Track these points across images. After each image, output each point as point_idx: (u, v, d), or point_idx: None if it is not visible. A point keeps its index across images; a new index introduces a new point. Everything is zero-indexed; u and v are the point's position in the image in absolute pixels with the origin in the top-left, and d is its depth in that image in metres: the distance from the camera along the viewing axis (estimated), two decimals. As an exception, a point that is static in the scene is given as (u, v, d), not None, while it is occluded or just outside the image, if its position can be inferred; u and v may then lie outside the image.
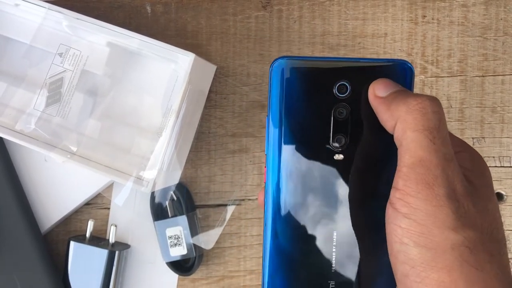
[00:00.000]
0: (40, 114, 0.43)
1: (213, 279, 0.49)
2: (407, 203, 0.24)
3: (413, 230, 0.23)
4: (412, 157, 0.24)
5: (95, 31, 0.43)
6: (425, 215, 0.23)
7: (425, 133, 0.24)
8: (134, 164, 0.43)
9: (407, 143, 0.24)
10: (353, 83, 0.27)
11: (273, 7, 0.48)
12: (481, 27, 0.48)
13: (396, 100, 0.25)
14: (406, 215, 0.23)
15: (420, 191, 0.23)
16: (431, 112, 0.24)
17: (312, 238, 0.28)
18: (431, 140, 0.24)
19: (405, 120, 0.24)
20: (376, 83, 0.26)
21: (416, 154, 0.24)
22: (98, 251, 0.46)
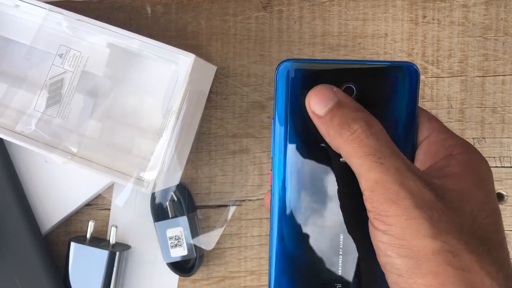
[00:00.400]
0: (41, 115, 0.43)
1: (214, 279, 0.49)
2: (381, 222, 0.24)
3: (393, 243, 0.24)
4: (367, 181, 0.24)
5: (96, 32, 0.43)
6: (400, 229, 0.23)
7: (368, 157, 0.24)
8: (134, 165, 0.43)
9: (357, 169, 0.25)
10: (359, 85, 0.27)
11: (273, 7, 0.48)
12: (481, 27, 0.48)
13: (333, 127, 0.26)
14: (384, 232, 0.24)
15: (388, 209, 0.24)
16: (365, 137, 0.25)
17: (318, 241, 0.28)
18: (377, 161, 0.24)
19: (346, 150, 0.25)
20: (312, 96, 0.26)
21: (369, 177, 0.24)
22: (98, 252, 0.46)
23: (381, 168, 0.24)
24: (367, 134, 0.25)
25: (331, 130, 0.26)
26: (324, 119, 0.26)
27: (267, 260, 0.49)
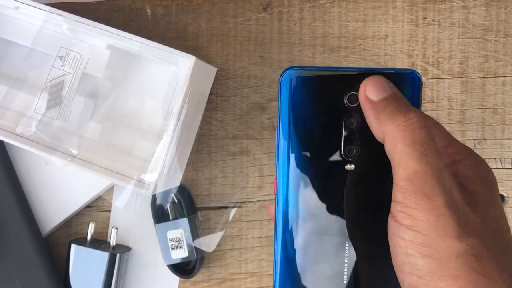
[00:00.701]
0: (41, 117, 0.43)
1: (214, 281, 0.49)
2: (408, 215, 0.24)
3: (417, 241, 0.23)
4: (406, 170, 0.24)
5: (96, 34, 0.43)
6: (427, 225, 0.23)
7: (415, 147, 0.24)
8: (135, 167, 0.43)
9: (399, 157, 0.25)
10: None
11: (274, 9, 0.48)
12: (481, 29, 0.48)
13: (385, 112, 0.26)
14: (409, 227, 0.24)
15: (419, 202, 0.23)
16: (418, 127, 0.25)
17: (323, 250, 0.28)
18: (422, 153, 0.24)
19: (394, 136, 0.25)
20: (369, 83, 0.26)
21: (410, 166, 0.24)
22: (99, 253, 0.46)
23: (424, 160, 0.24)
24: (421, 125, 0.25)
25: (383, 115, 0.25)
26: (377, 105, 0.26)
27: (267, 262, 0.49)
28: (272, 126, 0.48)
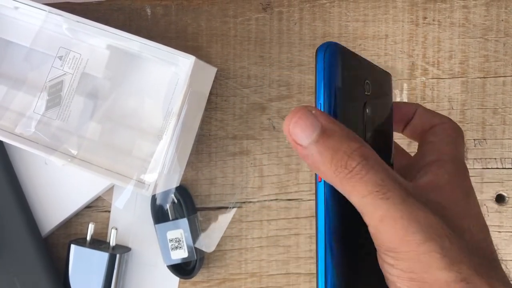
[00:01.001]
0: (40, 117, 0.43)
1: (214, 282, 0.49)
2: (391, 257, 0.22)
3: (403, 277, 0.22)
4: (372, 219, 0.22)
5: (95, 34, 0.43)
6: (411, 264, 0.22)
7: (373, 195, 0.22)
8: (134, 167, 0.43)
9: (360, 208, 0.23)
10: (372, 84, 0.27)
11: (274, 9, 0.48)
12: (482, 28, 0.47)
13: (324, 164, 0.23)
14: (393, 266, 0.23)
15: (396, 246, 0.22)
16: (366, 174, 0.22)
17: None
18: (383, 197, 0.22)
19: (344, 189, 0.23)
20: (291, 124, 0.23)
21: (375, 215, 0.22)
22: (98, 254, 0.46)
23: (387, 204, 0.22)
24: (367, 169, 0.22)
25: (322, 166, 0.23)
26: (309, 151, 0.23)
27: (267, 262, 0.48)
28: (272, 126, 0.48)
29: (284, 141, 0.48)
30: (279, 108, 0.48)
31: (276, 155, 0.48)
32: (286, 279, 0.48)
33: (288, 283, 0.48)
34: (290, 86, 0.48)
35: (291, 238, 0.48)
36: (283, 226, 0.48)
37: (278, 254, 0.49)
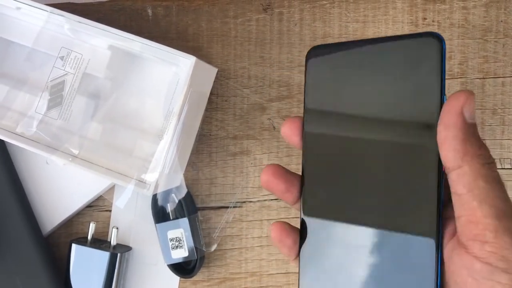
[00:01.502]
0: (42, 117, 0.43)
1: (214, 281, 0.49)
2: (503, 257, 0.22)
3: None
4: (493, 208, 0.22)
5: (97, 34, 0.43)
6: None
7: (498, 186, 0.23)
8: (135, 167, 0.43)
9: (480, 194, 0.23)
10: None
11: (274, 9, 0.48)
12: (481, 29, 0.48)
13: (473, 140, 0.23)
14: (505, 270, 0.22)
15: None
16: (495, 169, 0.23)
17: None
18: (504, 192, 0.23)
19: (476, 170, 0.23)
20: (468, 99, 0.23)
21: (497, 205, 0.22)
22: (99, 253, 0.46)
23: (508, 199, 0.23)
24: (495, 167, 0.24)
25: (469, 142, 0.23)
26: (468, 127, 0.23)
27: (267, 262, 0.49)
28: (272, 126, 0.49)
29: (284, 141, 0.49)
30: (279, 108, 0.48)
31: (276, 155, 0.49)
32: (286, 278, 0.49)
33: (288, 282, 0.49)
34: (290, 86, 0.48)
35: (291, 238, 0.49)
36: (283, 226, 0.49)
37: (278, 254, 0.49)
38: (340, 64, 0.28)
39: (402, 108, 0.26)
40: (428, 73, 0.25)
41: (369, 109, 0.27)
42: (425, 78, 0.25)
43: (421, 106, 0.25)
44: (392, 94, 0.26)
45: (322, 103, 0.28)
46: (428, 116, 0.25)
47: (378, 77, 0.27)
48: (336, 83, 0.28)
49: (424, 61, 0.25)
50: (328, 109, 0.28)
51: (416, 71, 0.26)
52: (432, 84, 0.25)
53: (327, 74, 0.28)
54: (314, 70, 0.29)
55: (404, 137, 0.26)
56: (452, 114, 0.23)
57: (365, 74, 0.27)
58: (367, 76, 0.27)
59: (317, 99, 0.29)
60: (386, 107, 0.26)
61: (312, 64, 0.29)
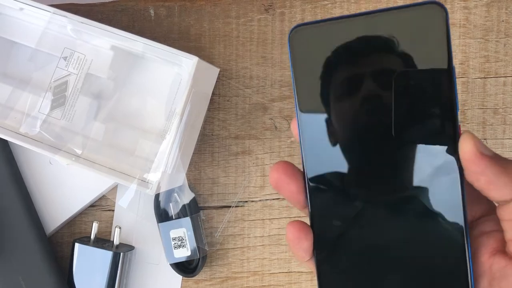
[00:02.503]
0: (45, 117, 0.44)
1: (217, 280, 0.49)
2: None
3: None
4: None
5: (99, 34, 0.43)
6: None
7: None
8: (138, 167, 0.44)
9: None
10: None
11: (276, 10, 0.49)
12: (482, 29, 0.48)
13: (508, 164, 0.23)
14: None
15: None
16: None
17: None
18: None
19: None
20: (475, 139, 0.23)
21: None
22: (102, 252, 0.47)
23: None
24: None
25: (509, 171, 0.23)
26: (494, 158, 0.23)
27: (269, 261, 0.49)
28: (274, 126, 0.49)
29: (285, 140, 0.49)
30: (281, 108, 0.49)
31: (278, 155, 0.49)
32: (288, 277, 0.49)
33: (290, 282, 0.49)
34: (291, 86, 0.49)
35: (293, 237, 0.49)
36: (285, 225, 0.49)
37: (280, 253, 0.49)
38: (331, 45, 0.25)
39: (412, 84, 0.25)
40: (435, 44, 0.24)
41: (374, 94, 0.25)
42: (432, 49, 0.24)
43: (431, 79, 0.24)
44: (397, 68, 0.25)
45: (316, 92, 0.26)
46: (442, 91, 0.24)
47: (379, 53, 0.25)
48: (331, 68, 0.26)
49: (429, 31, 0.24)
50: (324, 98, 0.26)
51: (422, 43, 0.24)
52: (440, 56, 0.24)
53: (318, 58, 0.26)
54: (301, 55, 0.26)
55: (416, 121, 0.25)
56: (477, 161, 0.23)
57: (363, 53, 0.25)
58: (365, 55, 0.25)
59: (309, 89, 0.26)
60: (390, 85, 0.25)
61: (299, 47, 0.26)
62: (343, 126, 0.26)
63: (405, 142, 0.25)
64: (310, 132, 0.27)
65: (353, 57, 0.25)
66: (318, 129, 0.26)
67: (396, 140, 0.25)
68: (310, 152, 0.27)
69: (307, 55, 0.26)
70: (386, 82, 0.25)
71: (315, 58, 0.26)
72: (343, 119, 0.26)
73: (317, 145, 0.26)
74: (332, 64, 0.26)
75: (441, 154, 0.25)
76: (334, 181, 0.27)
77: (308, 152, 0.27)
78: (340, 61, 0.26)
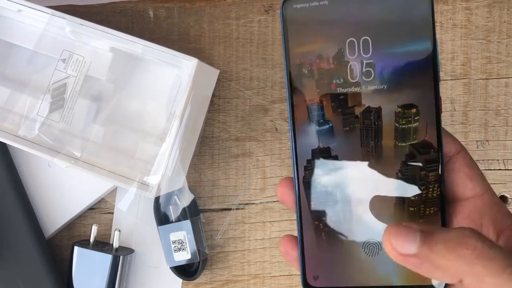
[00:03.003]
0: (44, 119, 0.43)
1: (217, 283, 0.49)
2: None
3: None
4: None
5: (98, 36, 0.43)
6: None
7: (506, 273, 0.21)
8: (137, 169, 0.43)
9: (500, 286, 0.21)
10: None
11: (276, 11, 0.48)
12: (484, 30, 0.47)
13: (442, 255, 0.22)
14: None
15: None
16: (489, 249, 0.21)
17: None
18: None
19: (473, 272, 0.21)
20: (393, 236, 0.23)
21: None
22: (102, 256, 0.46)
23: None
24: (489, 245, 0.21)
25: (441, 259, 0.22)
26: (418, 255, 0.22)
27: (270, 264, 0.49)
28: (274, 128, 0.48)
29: (286, 142, 0.48)
30: (281, 110, 0.48)
31: (279, 157, 0.48)
32: (289, 280, 0.49)
33: (291, 285, 0.49)
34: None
35: (293, 240, 0.48)
36: (285, 228, 0.49)
37: (281, 256, 0.49)
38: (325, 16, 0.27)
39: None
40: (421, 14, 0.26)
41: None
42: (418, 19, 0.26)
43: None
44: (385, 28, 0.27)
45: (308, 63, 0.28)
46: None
47: (368, 21, 0.27)
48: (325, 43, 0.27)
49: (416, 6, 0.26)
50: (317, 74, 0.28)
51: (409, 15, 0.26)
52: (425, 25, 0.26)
53: (309, 29, 0.28)
54: (295, 25, 0.28)
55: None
56: (392, 255, 0.23)
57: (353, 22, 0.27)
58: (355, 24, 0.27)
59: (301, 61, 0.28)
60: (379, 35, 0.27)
61: (292, 18, 0.28)
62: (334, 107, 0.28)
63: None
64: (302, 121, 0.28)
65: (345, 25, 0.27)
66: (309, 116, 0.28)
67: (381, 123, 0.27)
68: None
69: (300, 26, 0.27)
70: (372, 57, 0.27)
71: (307, 28, 0.27)
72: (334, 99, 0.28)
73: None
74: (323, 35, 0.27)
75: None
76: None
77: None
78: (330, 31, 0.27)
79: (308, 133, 0.28)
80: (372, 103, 0.27)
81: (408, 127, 0.27)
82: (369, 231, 0.28)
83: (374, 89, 0.27)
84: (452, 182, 0.27)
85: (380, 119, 0.27)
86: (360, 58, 0.27)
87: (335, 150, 0.28)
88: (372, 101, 0.27)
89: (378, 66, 0.27)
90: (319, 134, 0.28)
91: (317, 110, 0.28)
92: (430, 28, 0.26)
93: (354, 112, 0.27)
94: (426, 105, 0.27)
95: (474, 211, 0.26)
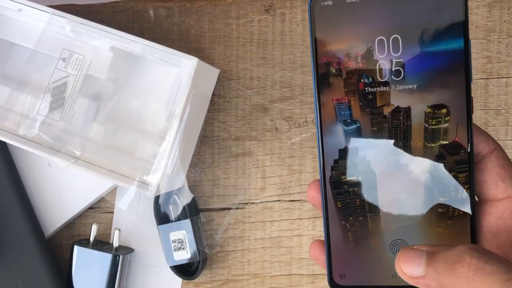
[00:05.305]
0: (44, 118, 0.43)
1: (217, 283, 0.49)
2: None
3: None
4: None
5: (98, 35, 0.43)
6: None
7: (505, 287, 0.22)
8: (137, 168, 0.43)
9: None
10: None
11: (276, 10, 0.48)
12: (484, 30, 0.47)
13: (442, 273, 0.23)
14: None
15: None
16: (486, 264, 0.22)
17: None
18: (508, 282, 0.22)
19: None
20: (402, 261, 0.24)
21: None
22: (102, 255, 0.46)
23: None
24: (485, 260, 0.22)
25: (445, 278, 0.23)
26: (427, 276, 0.24)
27: (270, 263, 0.48)
28: (274, 127, 0.48)
29: (286, 142, 0.48)
30: (281, 109, 0.48)
31: (279, 156, 0.48)
32: (288, 280, 0.49)
33: (290, 284, 0.49)
34: (292, 87, 0.48)
35: (293, 239, 0.48)
36: (285, 227, 0.49)
37: (281, 255, 0.49)
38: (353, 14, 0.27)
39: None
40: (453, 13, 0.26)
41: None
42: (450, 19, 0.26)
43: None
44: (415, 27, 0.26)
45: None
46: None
47: (398, 19, 0.26)
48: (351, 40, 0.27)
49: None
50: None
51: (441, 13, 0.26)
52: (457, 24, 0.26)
53: (338, 24, 0.28)
54: (322, 20, 0.28)
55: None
56: (404, 278, 0.24)
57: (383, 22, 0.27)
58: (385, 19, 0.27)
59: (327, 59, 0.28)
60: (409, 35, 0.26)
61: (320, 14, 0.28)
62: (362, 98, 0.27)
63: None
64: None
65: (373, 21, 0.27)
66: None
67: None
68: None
69: (327, 24, 0.27)
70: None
71: (335, 27, 0.27)
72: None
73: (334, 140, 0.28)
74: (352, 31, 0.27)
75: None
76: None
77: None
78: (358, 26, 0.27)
79: (335, 133, 0.28)
80: (401, 103, 0.27)
81: (438, 127, 0.26)
82: (395, 231, 0.28)
83: (404, 88, 0.27)
84: (484, 183, 0.27)
85: (410, 119, 0.27)
86: (390, 57, 0.27)
87: (363, 150, 0.27)
88: (401, 101, 0.27)
89: (408, 65, 0.26)
90: (347, 134, 0.28)
91: (345, 110, 0.28)
92: (463, 26, 0.26)
93: (382, 112, 0.27)
94: (457, 105, 0.26)
95: (506, 212, 0.26)
